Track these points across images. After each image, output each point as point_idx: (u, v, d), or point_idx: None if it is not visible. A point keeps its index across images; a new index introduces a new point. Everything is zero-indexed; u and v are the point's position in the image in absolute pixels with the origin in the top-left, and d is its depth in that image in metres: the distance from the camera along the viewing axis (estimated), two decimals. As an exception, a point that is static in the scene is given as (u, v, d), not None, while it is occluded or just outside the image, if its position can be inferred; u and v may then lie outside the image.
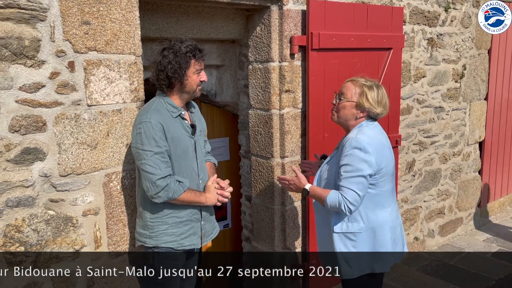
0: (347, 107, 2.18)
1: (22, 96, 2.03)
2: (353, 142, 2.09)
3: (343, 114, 2.20)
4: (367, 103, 2.14)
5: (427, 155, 4.36)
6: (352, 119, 2.19)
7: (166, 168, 2.09)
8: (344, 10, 3.14)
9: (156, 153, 2.07)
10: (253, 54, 3.14)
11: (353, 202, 2.07)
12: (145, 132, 2.06)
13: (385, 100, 2.18)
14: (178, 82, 2.14)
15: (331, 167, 2.25)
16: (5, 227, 2.05)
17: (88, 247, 2.32)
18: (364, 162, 2.07)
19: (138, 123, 2.11)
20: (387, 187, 2.21)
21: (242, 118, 3.44)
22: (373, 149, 2.09)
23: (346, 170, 2.08)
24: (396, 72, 3.57)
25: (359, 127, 2.18)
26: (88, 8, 2.15)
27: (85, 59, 2.18)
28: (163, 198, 2.09)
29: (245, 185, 3.52)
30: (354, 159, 2.07)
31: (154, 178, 2.06)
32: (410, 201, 4.29)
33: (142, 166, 2.09)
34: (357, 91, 2.16)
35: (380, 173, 2.13)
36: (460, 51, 4.44)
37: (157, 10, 2.72)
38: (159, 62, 2.13)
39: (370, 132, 2.14)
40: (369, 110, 2.16)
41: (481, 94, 4.83)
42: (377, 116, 2.20)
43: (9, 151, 2.02)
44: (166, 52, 2.12)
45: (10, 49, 1.97)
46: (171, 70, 2.09)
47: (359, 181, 2.07)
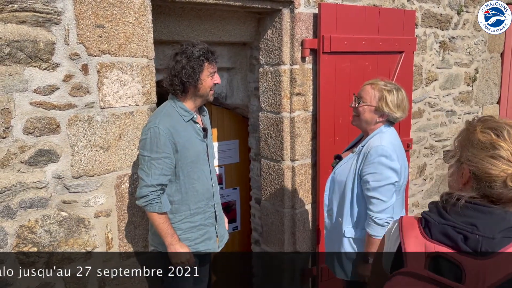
0: (366, 111, 2.14)
1: (36, 98, 2.05)
2: (379, 150, 2.04)
3: (363, 117, 2.15)
4: (387, 108, 2.10)
5: (438, 159, 4.33)
6: (372, 124, 2.15)
7: (158, 175, 2.07)
8: (356, 13, 3.13)
9: (153, 158, 2.06)
10: (264, 57, 3.14)
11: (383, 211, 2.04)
12: (150, 138, 2.06)
13: (405, 104, 2.14)
14: (192, 86, 2.13)
15: (348, 170, 2.18)
16: (19, 228, 2.08)
17: (99, 248, 2.33)
18: (391, 170, 2.03)
19: (146, 129, 2.11)
20: (401, 195, 2.19)
21: (252, 120, 3.44)
22: (397, 155, 2.07)
23: (375, 179, 2.04)
24: (407, 76, 3.55)
25: (379, 133, 2.14)
26: (102, 12, 2.17)
27: (99, 62, 2.20)
28: (139, 203, 2.11)
29: (255, 188, 3.52)
30: (381, 167, 2.03)
31: (142, 184, 2.08)
32: (421, 206, 4.25)
33: (138, 171, 2.12)
34: (376, 95, 2.12)
35: (400, 181, 2.11)
36: (473, 54, 4.40)
37: (170, 13, 2.73)
38: (173, 68, 2.12)
39: (391, 139, 2.12)
40: (388, 114, 2.12)
41: (493, 98, 4.78)
42: (395, 120, 2.16)
43: (23, 152, 2.04)
44: (179, 57, 2.11)
45: (25, 52, 1.99)
46: (185, 75, 2.09)
47: (388, 189, 2.05)
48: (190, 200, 2.20)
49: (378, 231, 2.05)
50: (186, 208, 2.20)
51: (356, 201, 2.14)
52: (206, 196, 2.26)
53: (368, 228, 2.08)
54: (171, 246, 2.12)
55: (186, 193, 2.19)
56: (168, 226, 2.11)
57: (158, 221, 2.09)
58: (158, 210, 2.08)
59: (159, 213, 2.09)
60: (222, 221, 2.40)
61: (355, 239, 2.18)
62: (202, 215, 2.25)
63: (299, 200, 3.20)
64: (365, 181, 2.07)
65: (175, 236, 2.13)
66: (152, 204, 2.07)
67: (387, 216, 2.05)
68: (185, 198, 2.19)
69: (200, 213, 2.24)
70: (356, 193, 2.14)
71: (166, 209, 2.11)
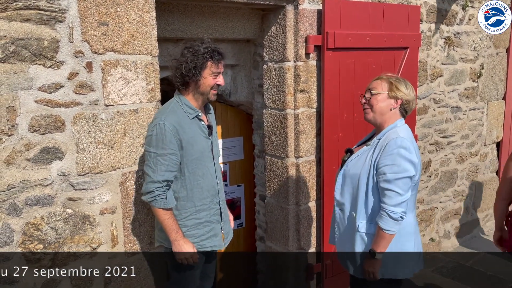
0: (380, 99, 2.12)
1: (41, 96, 2.06)
2: (398, 141, 2.02)
3: (377, 108, 2.13)
4: (400, 93, 2.11)
5: (443, 156, 4.31)
6: (387, 112, 2.13)
7: (164, 171, 2.09)
8: (360, 9, 3.12)
9: (159, 154, 2.07)
10: (268, 53, 3.14)
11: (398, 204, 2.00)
12: (156, 134, 2.07)
13: (413, 90, 2.16)
14: (193, 81, 2.15)
15: (363, 163, 2.15)
16: (25, 225, 2.09)
17: (105, 245, 2.34)
18: (409, 163, 2.01)
19: (152, 125, 2.12)
20: (415, 191, 2.17)
21: (256, 117, 3.44)
22: (414, 150, 2.05)
23: (392, 171, 2.00)
24: (412, 72, 3.53)
25: (395, 127, 2.12)
26: (105, 9, 2.17)
27: (103, 60, 2.20)
28: (145, 199, 2.12)
29: (259, 185, 3.53)
30: (400, 159, 2.00)
31: (148, 180, 2.10)
32: (426, 202, 4.24)
33: (144, 167, 2.14)
34: (385, 85, 2.13)
35: (416, 177, 2.08)
36: (478, 50, 4.37)
37: (173, 10, 2.73)
38: (177, 60, 2.16)
39: (407, 132, 2.11)
40: (401, 98, 2.12)
41: (499, 94, 4.75)
42: (409, 106, 2.15)
43: (29, 150, 2.05)
44: (186, 51, 2.14)
45: (30, 50, 2.00)
46: (185, 68, 2.11)
47: (405, 182, 2.01)
48: (195, 196, 2.21)
49: (391, 226, 2.01)
50: (191, 205, 2.21)
51: (372, 194, 2.10)
52: (211, 193, 2.26)
53: (380, 221, 2.02)
54: (175, 242, 2.14)
55: (191, 190, 2.20)
56: (173, 222, 2.13)
57: (163, 217, 2.11)
58: (163, 206, 2.10)
59: (164, 209, 2.10)
60: (227, 218, 2.41)
61: (369, 234, 2.13)
62: (208, 211, 2.26)
63: (304, 196, 3.20)
64: (382, 173, 2.03)
65: (179, 232, 2.15)
66: (158, 199, 2.08)
67: (402, 210, 2.01)
68: (190, 195, 2.20)
69: (206, 209, 2.25)
70: (372, 186, 2.10)
71: (171, 205, 2.13)
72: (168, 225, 2.12)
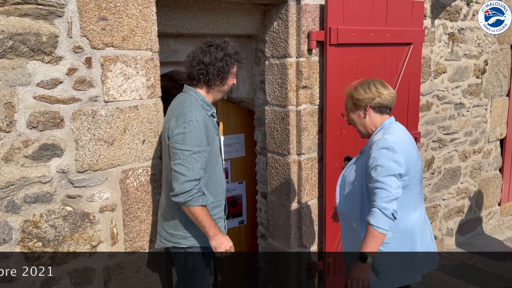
0: (352, 116, 2.18)
1: (40, 92, 2.03)
2: (380, 143, 2.01)
3: (356, 123, 2.18)
4: (360, 100, 2.11)
5: (446, 153, 4.27)
6: (365, 121, 2.14)
7: (199, 169, 2.05)
8: (363, 4, 3.08)
9: (194, 152, 2.03)
10: (270, 49, 3.10)
11: (389, 201, 1.92)
12: (190, 132, 2.03)
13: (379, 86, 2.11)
14: (220, 80, 2.17)
15: (356, 170, 2.16)
16: (24, 223, 2.06)
17: (104, 243, 2.32)
18: (393, 162, 1.97)
19: (182, 122, 2.05)
20: (417, 189, 2.12)
21: (258, 114, 3.41)
22: (401, 149, 2.00)
23: (377, 171, 1.97)
24: (416, 68, 3.49)
25: (381, 128, 2.11)
26: (105, 4, 2.14)
27: (102, 55, 2.17)
28: (180, 199, 2.04)
29: (261, 182, 3.50)
30: (383, 159, 1.97)
31: (183, 179, 2.01)
32: (428, 200, 4.21)
33: (175, 166, 2.04)
34: (348, 100, 2.18)
35: (410, 174, 2.04)
36: (482, 46, 4.32)
37: (174, 5, 2.70)
38: (206, 57, 2.14)
39: (395, 132, 2.07)
40: (366, 103, 2.10)
41: (503, 90, 4.71)
42: (379, 103, 2.10)
43: (27, 147, 2.02)
44: (215, 50, 2.15)
45: (28, 45, 1.97)
46: (216, 66, 2.13)
47: (392, 180, 1.95)
48: (212, 193, 2.20)
49: (383, 223, 1.90)
50: (210, 201, 2.19)
51: (367, 200, 2.06)
52: (223, 189, 2.28)
53: (371, 218, 1.92)
54: (215, 237, 2.11)
55: (210, 187, 2.19)
56: (210, 217, 2.11)
57: (202, 214, 2.07)
58: (202, 202, 2.06)
59: (202, 206, 2.06)
60: None
61: None
62: (219, 208, 2.26)
63: (306, 194, 3.17)
64: (369, 175, 2.01)
65: (217, 227, 2.14)
66: (196, 198, 2.03)
67: (393, 208, 1.92)
68: (209, 192, 2.18)
69: (219, 206, 2.25)
70: (366, 192, 2.07)
71: (210, 200, 2.13)
72: (206, 221, 2.08)
